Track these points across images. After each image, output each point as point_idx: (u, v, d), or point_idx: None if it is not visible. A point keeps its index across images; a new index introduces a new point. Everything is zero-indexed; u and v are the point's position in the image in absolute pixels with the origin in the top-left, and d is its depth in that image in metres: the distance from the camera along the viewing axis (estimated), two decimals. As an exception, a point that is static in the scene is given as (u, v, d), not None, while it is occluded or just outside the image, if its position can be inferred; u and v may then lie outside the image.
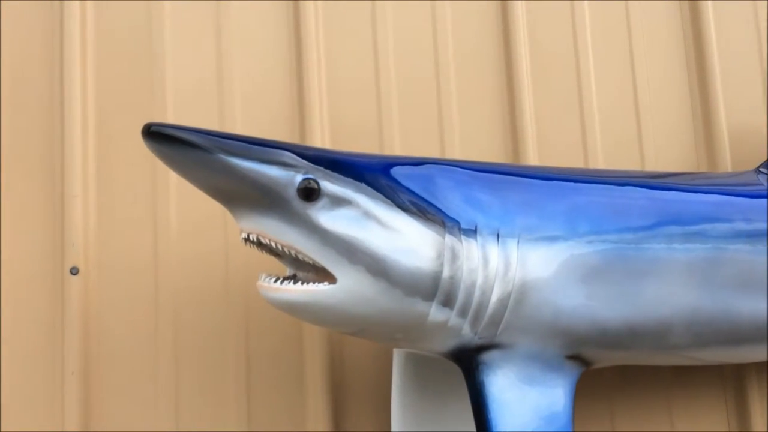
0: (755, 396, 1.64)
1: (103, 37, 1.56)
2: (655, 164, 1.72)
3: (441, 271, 1.08)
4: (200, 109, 1.54)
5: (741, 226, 1.31)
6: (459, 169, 1.21)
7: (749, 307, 1.30)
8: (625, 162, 1.70)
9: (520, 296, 1.13)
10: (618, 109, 1.72)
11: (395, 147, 1.60)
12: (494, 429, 1.07)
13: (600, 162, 1.69)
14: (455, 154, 1.63)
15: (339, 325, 1.17)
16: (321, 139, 1.56)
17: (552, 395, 1.15)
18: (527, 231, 1.16)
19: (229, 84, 1.57)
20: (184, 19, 1.58)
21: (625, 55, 1.75)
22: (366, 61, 1.63)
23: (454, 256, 1.09)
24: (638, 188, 1.31)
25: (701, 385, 1.64)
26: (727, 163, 1.73)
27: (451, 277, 1.09)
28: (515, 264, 1.13)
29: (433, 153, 1.61)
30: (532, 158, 1.65)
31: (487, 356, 1.13)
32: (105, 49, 1.56)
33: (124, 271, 1.48)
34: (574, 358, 1.20)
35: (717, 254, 1.28)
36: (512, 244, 1.14)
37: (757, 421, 1.63)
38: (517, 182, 1.22)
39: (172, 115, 1.52)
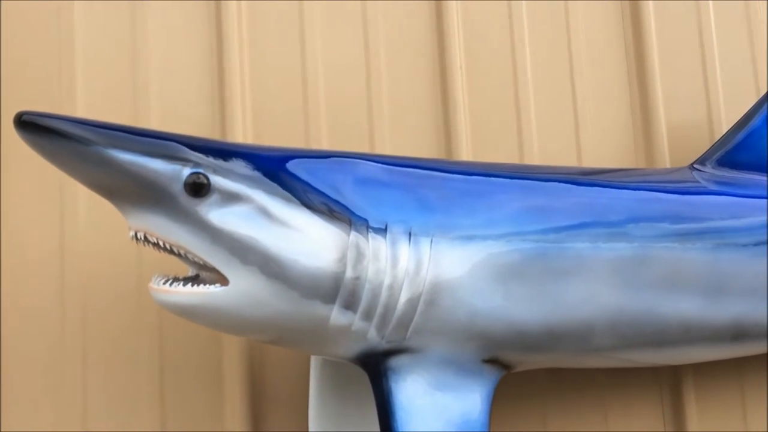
0: (691, 396, 1.61)
1: (11, 35, 1.47)
2: (593, 160, 1.68)
3: (343, 272, 1.02)
4: (115, 108, 1.45)
5: (669, 224, 1.27)
6: (371, 163, 1.14)
7: (676, 307, 1.26)
8: (562, 158, 1.66)
9: (431, 298, 1.07)
10: (555, 105, 1.68)
11: (322, 142, 1.54)
12: (400, 439, 1.01)
13: (536, 158, 1.65)
14: (386, 149, 1.57)
15: (234, 329, 1.11)
16: (243, 135, 1.49)
17: (467, 401, 1.10)
18: (442, 229, 1.11)
19: (144, 82, 1.48)
20: (99, 18, 1.49)
21: (563, 50, 1.71)
22: (292, 53, 1.56)
23: (359, 256, 1.03)
24: (563, 186, 1.26)
25: (637, 385, 1.61)
26: (665, 159, 1.69)
27: (355, 279, 1.03)
28: (427, 264, 1.07)
29: (362, 148, 1.55)
30: (466, 154, 1.60)
31: (395, 361, 1.07)
32: (14, 47, 1.47)
33: (30, 266, 1.39)
34: (492, 361, 1.15)
35: (643, 253, 1.24)
36: (425, 244, 1.09)
37: (693, 421, 1.60)
38: (435, 178, 1.17)
39: (84, 114, 1.44)
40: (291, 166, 1.06)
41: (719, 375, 1.64)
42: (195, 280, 1.08)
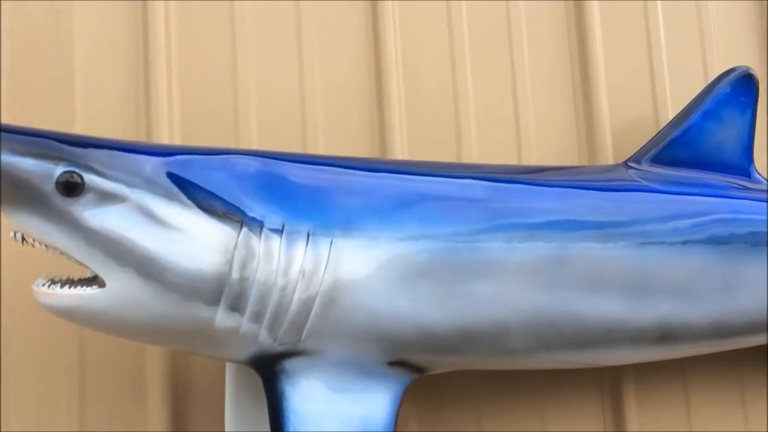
0: (632, 397, 1.58)
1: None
2: (534, 158, 1.65)
3: (228, 273, 1.00)
4: (38, 110, 1.43)
5: (592, 222, 1.24)
6: (272, 161, 1.12)
7: (597, 308, 1.23)
8: (502, 156, 1.63)
9: (329, 300, 1.05)
10: (495, 102, 1.65)
11: (252, 142, 1.52)
12: (290, 445, 0.99)
13: (474, 156, 1.62)
14: (318, 148, 1.55)
15: (116, 332, 1.09)
16: (170, 136, 1.47)
17: (369, 405, 1.08)
18: (345, 230, 1.09)
19: (68, 83, 1.46)
20: (21, 18, 1.47)
21: (504, 46, 1.67)
22: (222, 51, 1.54)
23: (248, 257, 1.01)
24: (481, 184, 1.23)
25: (577, 385, 1.58)
26: (609, 157, 1.66)
27: (241, 280, 1.01)
28: (325, 265, 1.05)
29: (294, 148, 1.53)
30: (401, 152, 1.57)
31: (289, 364, 1.05)
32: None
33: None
34: (399, 364, 1.13)
35: (562, 253, 1.21)
36: (324, 244, 1.06)
37: (633, 422, 1.57)
38: (340, 177, 1.14)
39: (6, 118, 1.42)
40: (178, 164, 1.04)
41: (662, 375, 1.61)
42: (92, 281, 1.06)
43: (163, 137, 1.46)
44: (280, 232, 1.04)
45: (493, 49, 1.67)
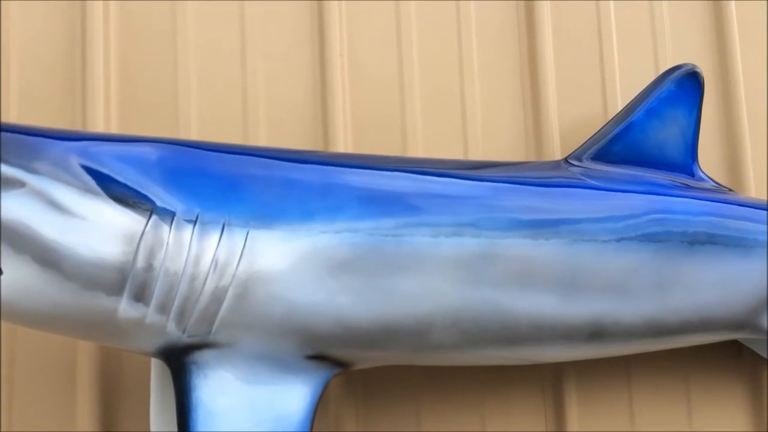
0: (573, 396, 1.57)
1: None
2: (480, 153, 1.63)
3: (131, 262, 0.98)
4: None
5: (523, 218, 1.23)
6: (190, 150, 1.10)
7: (527, 304, 1.21)
8: (448, 151, 1.62)
9: (243, 292, 1.03)
10: (441, 96, 1.63)
11: (192, 132, 1.50)
12: (195, 440, 0.97)
13: (420, 151, 1.61)
14: (260, 140, 1.53)
15: (16, 322, 1.07)
16: (105, 126, 1.45)
17: (284, 399, 1.06)
18: (263, 221, 1.07)
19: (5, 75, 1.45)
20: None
21: (452, 38, 1.66)
22: (164, 40, 1.52)
23: (155, 247, 0.99)
24: (409, 177, 1.21)
25: (518, 383, 1.57)
26: (556, 153, 1.65)
27: (147, 270, 0.99)
28: (239, 256, 1.03)
29: (235, 140, 1.51)
30: (344, 146, 1.56)
31: (199, 356, 1.03)
32: None
33: None
34: (319, 358, 1.11)
35: (491, 248, 1.19)
36: (240, 235, 1.05)
37: (574, 421, 1.56)
38: (263, 167, 1.12)
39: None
40: (87, 150, 1.02)
41: (605, 373, 1.60)
42: None
43: (99, 129, 1.45)
44: (193, 222, 1.02)
45: (440, 42, 1.65)
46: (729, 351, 1.68)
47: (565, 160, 1.46)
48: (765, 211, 1.43)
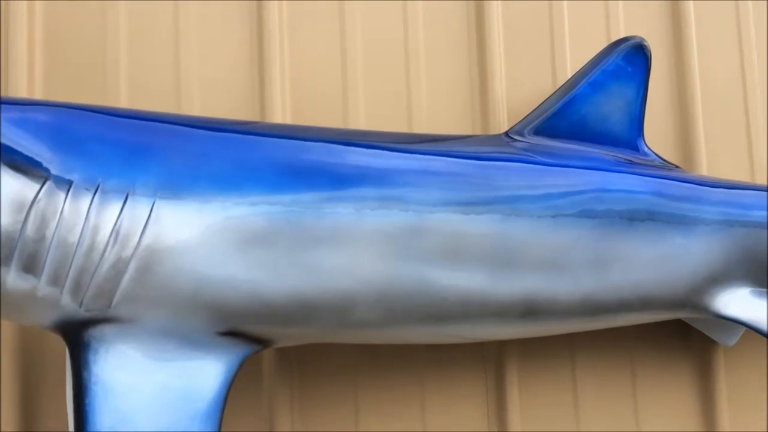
0: (514, 376, 1.54)
1: None
2: (424, 127, 1.58)
3: (19, 232, 0.93)
4: None
5: (454, 192, 1.19)
6: (97, 115, 1.05)
7: (455, 281, 1.18)
8: (391, 124, 1.57)
9: (146, 264, 0.99)
10: (385, 67, 1.58)
11: (121, 99, 1.44)
12: (91, 418, 0.93)
13: (362, 123, 1.55)
14: (194, 110, 1.47)
15: None
16: (28, 92, 1.39)
17: (192, 377, 1.02)
18: (171, 190, 1.02)
19: None
20: None
21: (397, 8, 1.60)
22: (94, 3, 1.46)
23: (48, 216, 0.94)
24: (334, 147, 1.16)
25: (459, 363, 1.54)
26: (503, 128, 1.60)
27: (37, 240, 0.94)
28: (143, 227, 0.99)
29: (168, 108, 1.46)
30: (282, 117, 1.50)
31: (97, 331, 0.98)
32: None
33: None
34: (233, 335, 1.07)
35: (418, 222, 1.15)
36: (145, 205, 1.00)
37: (515, 400, 1.53)
38: (173, 135, 1.07)
39: None
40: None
41: (549, 351, 1.58)
42: None
43: (21, 93, 1.39)
44: (92, 190, 0.97)
45: (385, 12, 1.59)
46: (677, 331, 1.66)
47: (506, 134, 1.41)
48: (709, 188, 1.39)
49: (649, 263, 1.32)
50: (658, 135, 1.69)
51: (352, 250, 1.11)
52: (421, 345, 1.49)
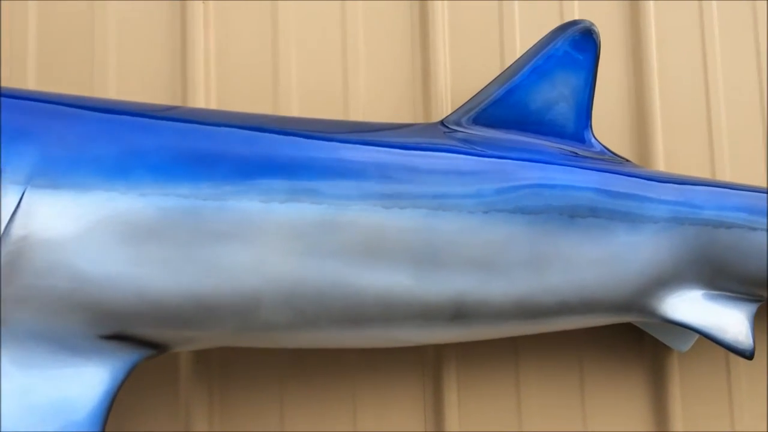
0: (453, 383, 1.44)
1: None
2: (362, 114, 1.48)
3: None
4: None
5: (376, 184, 1.09)
6: None
7: (375, 281, 1.08)
8: (325, 110, 1.46)
9: (13, 259, 0.88)
10: (320, 49, 1.48)
11: (29, 81, 1.33)
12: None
13: (294, 109, 1.45)
14: (109, 92, 1.37)
15: None
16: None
17: (69, 386, 0.91)
18: (47, 177, 0.91)
19: None
20: None
21: (335, -13, 1.51)
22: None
23: None
24: (241, 133, 1.06)
25: (395, 367, 1.44)
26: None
27: None
28: (9, 217, 0.88)
29: (83, 91, 1.35)
30: (205, 100, 1.40)
31: (-46, 336, 0.88)
32: None
33: None
34: (119, 339, 0.97)
35: (334, 216, 1.05)
36: (14, 193, 0.89)
37: (453, 408, 1.44)
38: (54, 116, 0.96)
39: None
40: None
41: (491, 354, 1.48)
42: None
43: None
44: (-51, 176, 0.87)
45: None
46: (629, 334, 1.57)
47: (441, 123, 1.31)
48: (658, 183, 1.30)
49: (592, 263, 1.23)
50: (613, 128, 1.60)
51: (256, 246, 1.01)
52: (355, 350, 1.40)
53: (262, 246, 1.02)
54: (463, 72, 1.53)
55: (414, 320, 1.13)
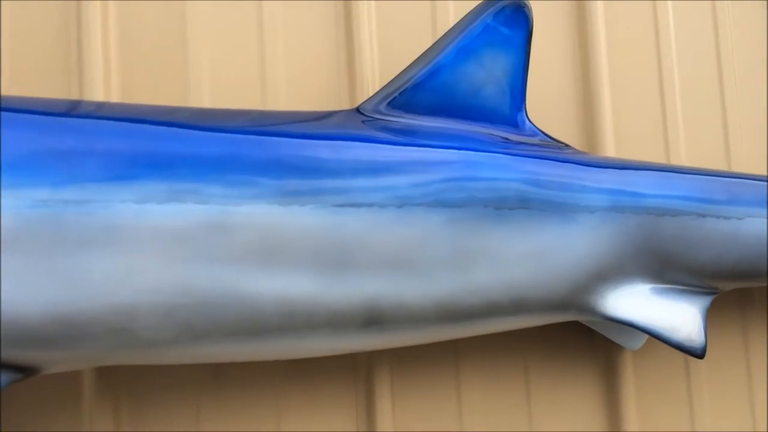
0: (386, 388, 1.34)
1: None
2: (283, 103, 1.37)
3: None
4: None
5: (269, 179, 0.98)
6: None
7: (273, 287, 0.97)
8: (242, 99, 1.35)
9: None
10: (234, 33, 1.36)
11: None
12: None
13: (206, 99, 1.34)
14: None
15: None
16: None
17: None
18: None
19: None
20: None
21: (249, -34, 1.39)
22: None
23: None
24: (114, 126, 0.94)
25: (325, 376, 1.33)
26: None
27: None
28: None
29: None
30: (104, 93, 1.28)
31: None
32: None
33: None
34: (-26, 362, 0.86)
35: (223, 217, 0.94)
36: None
37: (387, 417, 1.34)
38: None
39: None
40: None
41: (427, 359, 1.38)
42: None
43: None
44: None
45: (234, -29, 1.38)
46: (579, 332, 1.47)
47: (357, 109, 1.20)
48: (596, 169, 1.19)
49: (522, 259, 1.12)
50: (558, 112, 1.49)
51: (130, 255, 0.90)
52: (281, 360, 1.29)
53: (136, 254, 0.90)
54: (392, 55, 1.41)
55: (322, 329, 1.03)
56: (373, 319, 1.04)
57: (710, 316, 1.52)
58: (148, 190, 0.92)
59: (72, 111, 0.96)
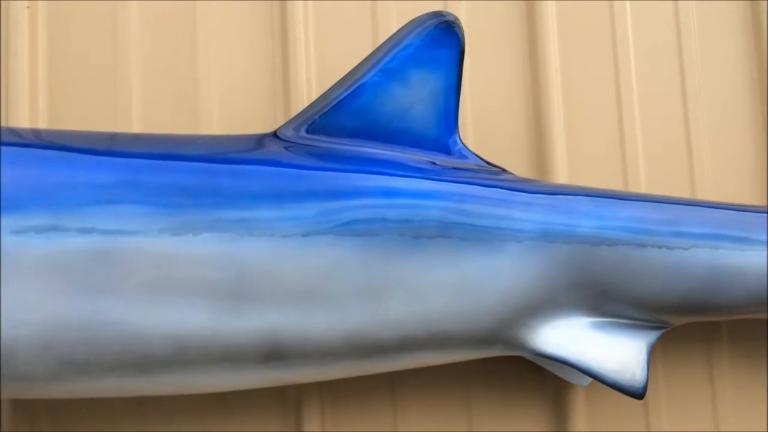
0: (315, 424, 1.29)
1: None
2: (216, 125, 1.33)
3: None
4: None
5: (161, 206, 0.94)
6: None
7: (162, 320, 0.93)
8: (175, 125, 1.32)
9: None
10: (167, 50, 1.33)
11: None
12: None
13: (136, 124, 1.30)
14: None
15: None
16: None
17: None
18: None
19: None
20: None
21: (183, -13, 1.36)
22: None
23: None
24: (7, 150, 0.92)
25: (254, 406, 1.29)
26: (311, 126, 1.35)
27: None
28: None
29: None
30: (29, 119, 1.26)
31: None
32: None
33: None
34: None
35: (109, 247, 0.91)
36: None
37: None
38: None
39: None
40: None
41: (362, 392, 1.32)
42: None
43: None
44: None
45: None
46: (527, 364, 1.40)
47: (274, 133, 1.16)
48: (526, 194, 1.13)
49: (440, 290, 1.06)
50: (505, 137, 1.43)
51: (8, 286, 0.87)
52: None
53: (12, 285, 0.87)
54: (330, 75, 1.37)
55: (217, 363, 0.98)
56: (273, 353, 0.99)
57: (672, 351, 1.44)
58: (26, 219, 0.89)
59: None
